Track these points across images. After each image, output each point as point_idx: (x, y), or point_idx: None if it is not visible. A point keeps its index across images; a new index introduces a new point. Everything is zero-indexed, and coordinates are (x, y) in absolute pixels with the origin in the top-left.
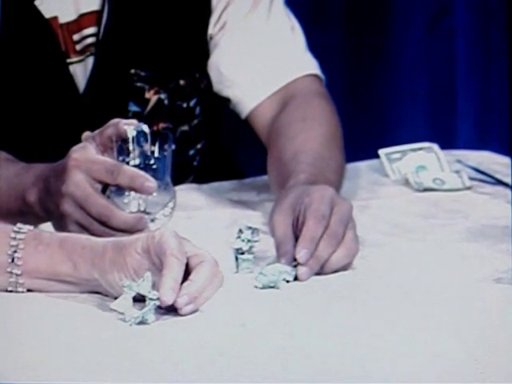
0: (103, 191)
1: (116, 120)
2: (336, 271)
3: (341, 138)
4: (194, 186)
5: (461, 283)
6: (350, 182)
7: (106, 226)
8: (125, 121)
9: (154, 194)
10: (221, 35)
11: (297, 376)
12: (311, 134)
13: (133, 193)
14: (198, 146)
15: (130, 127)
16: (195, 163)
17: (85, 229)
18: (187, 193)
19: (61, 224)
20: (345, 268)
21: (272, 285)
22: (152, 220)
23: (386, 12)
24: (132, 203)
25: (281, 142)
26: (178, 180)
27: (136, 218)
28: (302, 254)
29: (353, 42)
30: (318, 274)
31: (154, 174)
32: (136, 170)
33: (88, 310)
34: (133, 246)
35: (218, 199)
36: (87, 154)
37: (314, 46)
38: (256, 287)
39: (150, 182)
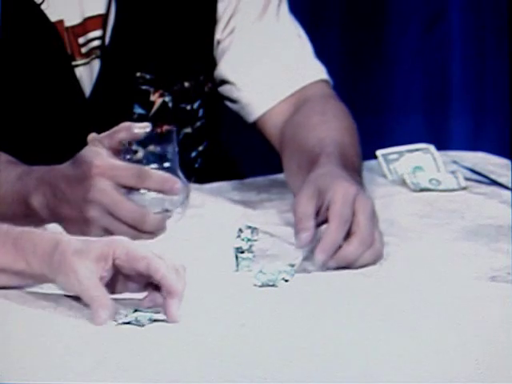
0: None
1: (127, 124)
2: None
3: (357, 134)
4: (195, 185)
5: (457, 281)
6: None
7: (137, 230)
8: (137, 124)
9: None
10: (229, 40)
11: (297, 376)
12: (332, 125)
13: (153, 193)
14: (200, 148)
15: (142, 130)
16: (197, 165)
17: (110, 233)
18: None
19: (82, 229)
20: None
21: (271, 283)
22: (168, 217)
23: (383, 15)
24: (155, 203)
25: (301, 133)
26: None
27: (163, 219)
28: (319, 257)
29: (349, 44)
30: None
31: (169, 172)
32: (162, 172)
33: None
34: (87, 254)
35: (218, 199)
36: (109, 160)
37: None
38: (255, 285)
39: (178, 183)
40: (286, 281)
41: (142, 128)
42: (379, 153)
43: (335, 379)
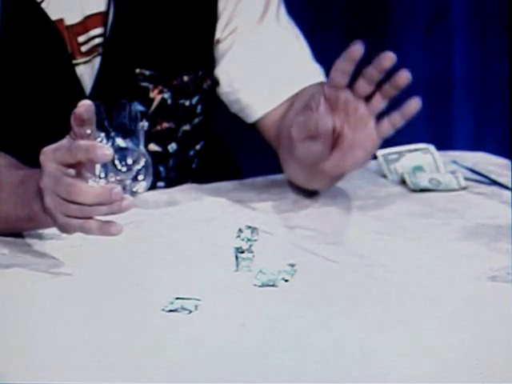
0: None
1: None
2: None
3: None
4: (194, 185)
5: (456, 281)
6: (348, 182)
7: (78, 204)
8: (76, 108)
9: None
10: (230, 42)
11: (297, 376)
12: None
13: (98, 166)
14: (197, 147)
15: (81, 108)
16: (194, 165)
17: (68, 216)
18: (188, 192)
19: (54, 221)
20: None
21: (271, 283)
22: (132, 192)
23: (385, 16)
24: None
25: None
26: (176, 183)
27: (106, 188)
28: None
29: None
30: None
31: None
32: (89, 141)
33: (87, 309)
34: None
35: (218, 199)
36: (54, 145)
37: (313, 49)
38: (255, 285)
39: (104, 148)
40: (286, 281)
41: (81, 106)
42: (379, 153)
43: (335, 379)
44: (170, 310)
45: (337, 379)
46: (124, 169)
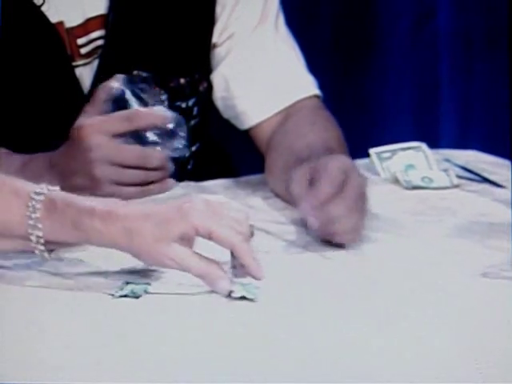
0: None
1: (102, 85)
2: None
3: (345, 144)
4: (190, 183)
5: (449, 278)
6: None
7: (144, 169)
8: (108, 82)
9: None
10: (227, 47)
11: (296, 376)
12: (321, 134)
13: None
14: (193, 149)
15: (115, 83)
16: (189, 166)
17: (120, 184)
18: (184, 190)
19: (94, 193)
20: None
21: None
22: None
23: (372, 15)
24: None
25: (290, 140)
26: None
27: (165, 155)
28: (310, 223)
29: (339, 43)
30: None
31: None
32: (148, 108)
33: (86, 309)
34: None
35: (214, 196)
36: (97, 117)
37: (301, 47)
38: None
39: (167, 112)
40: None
41: (115, 82)
42: (372, 151)
43: (334, 380)
44: (121, 296)
45: (336, 379)
46: (172, 136)
